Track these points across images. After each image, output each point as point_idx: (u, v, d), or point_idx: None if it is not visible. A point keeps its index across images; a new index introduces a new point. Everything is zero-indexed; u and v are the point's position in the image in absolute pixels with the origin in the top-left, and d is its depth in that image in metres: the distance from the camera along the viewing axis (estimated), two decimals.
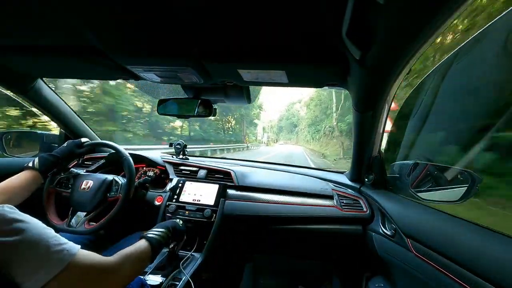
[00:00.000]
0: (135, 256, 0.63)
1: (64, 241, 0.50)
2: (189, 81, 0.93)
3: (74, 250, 0.51)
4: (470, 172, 0.76)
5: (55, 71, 1.08)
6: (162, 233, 0.78)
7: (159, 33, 0.64)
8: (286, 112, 52.56)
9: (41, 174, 0.85)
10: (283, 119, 57.88)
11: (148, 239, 0.71)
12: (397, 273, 0.94)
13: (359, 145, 1.07)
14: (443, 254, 0.65)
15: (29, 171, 0.83)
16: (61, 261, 0.47)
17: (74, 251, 0.50)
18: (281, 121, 60.15)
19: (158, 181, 1.35)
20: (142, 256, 0.66)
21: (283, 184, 1.25)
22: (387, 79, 0.66)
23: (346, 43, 0.55)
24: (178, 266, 0.93)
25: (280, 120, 60.56)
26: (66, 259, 0.48)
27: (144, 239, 0.71)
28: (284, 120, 56.64)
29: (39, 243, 0.47)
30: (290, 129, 54.03)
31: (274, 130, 61.35)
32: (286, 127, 56.43)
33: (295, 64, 0.73)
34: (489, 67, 1.16)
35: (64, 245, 0.50)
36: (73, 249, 0.50)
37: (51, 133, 1.51)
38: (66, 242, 0.51)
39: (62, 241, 0.50)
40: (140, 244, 0.68)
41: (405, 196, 0.98)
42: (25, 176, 0.82)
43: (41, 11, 0.61)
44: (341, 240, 1.21)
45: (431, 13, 0.40)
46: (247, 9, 0.52)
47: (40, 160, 0.87)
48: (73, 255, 0.49)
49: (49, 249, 0.47)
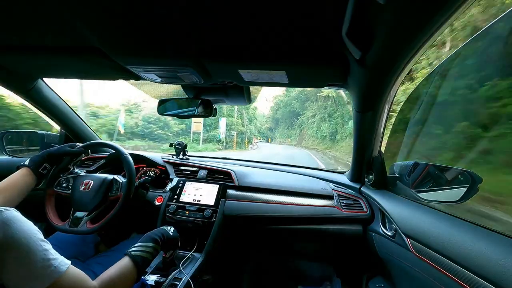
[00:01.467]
0: (118, 279, 0.61)
1: (53, 257, 0.50)
2: (189, 81, 0.93)
3: (62, 267, 0.50)
4: (470, 172, 0.76)
5: (55, 71, 1.08)
6: (149, 249, 0.72)
7: (159, 33, 0.65)
8: (285, 96, 35.62)
9: (32, 171, 0.86)
10: (279, 107, 38.68)
11: (133, 258, 0.67)
12: (397, 273, 0.94)
13: (359, 145, 1.07)
14: (443, 254, 0.65)
15: (21, 169, 0.86)
16: (47, 277, 0.47)
17: (63, 269, 0.50)
18: (277, 111, 40.38)
19: (158, 181, 1.35)
20: (126, 280, 0.63)
21: (283, 184, 1.25)
22: (387, 79, 0.66)
23: (346, 43, 0.55)
24: (178, 266, 0.93)
25: (276, 110, 40.84)
26: (53, 276, 0.48)
27: (128, 257, 0.67)
28: (281, 108, 37.46)
29: (28, 256, 0.46)
30: (289, 121, 36.06)
31: (263, 129, 43.30)
32: (284, 119, 38.19)
33: (295, 64, 0.73)
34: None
35: (53, 261, 0.49)
36: (61, 267, 0.50)
37: (52, 133, 1.51)
38: (56, 258, 0.50)
39: (51, 256, 0.50)
40: (124, 264, 0.65)
41: (405, 196, 0.98)
42: (18, 174, 0.84)
43: (42, 12, 0.61)
44: (341, 240, 1.21)
45: (431, 13, 0.40)
46: (247, 9, 0.52)
47: (31, 158, 0.90)
48: (60, 272, 0.49)
49: (37, 264, 0.47)
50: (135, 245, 0.72)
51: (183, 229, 1.03)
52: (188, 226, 1.12)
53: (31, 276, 0.46)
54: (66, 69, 1.00)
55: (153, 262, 0.95)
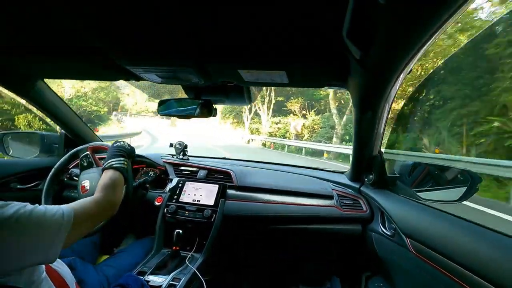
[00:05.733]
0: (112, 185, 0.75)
1: (57, 207, 0.56)
2: (190, 81, 0.93)
3: (69, 207, 0.58)
4: (469, 172, 0.76)
5: (56, 72, 1.08)
6: (124, 162, 0.85)
7: (159, 34, 0.65)
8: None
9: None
10: None
11: (119, 170, 0.81)
12: (396, 273, 0.94)
13: (359, 145, 1.07)
14: (443, 254, 0.65)
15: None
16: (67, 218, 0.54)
17: (70, 208, 0.57)
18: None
19: (158, 182, 1.35)
20: (119, 183, 0.79)
21: (283, 184, 1.25)
22: (387, 79, 0.66)
23: (346, 43, 0.55)
24: (183, 263, 0.95)
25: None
26: (70, 216, 0.55)
27: (112, 169, 0.80)
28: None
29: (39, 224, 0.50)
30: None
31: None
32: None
33: (295, 64, 0.73)
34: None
35: (59, 209, 0.55)
36: (68, 207, 0.58)
37: (52, 134, 1.51)
38: (59, 207, 0.56)
39: (55, 208, 0.55)
40: (112, 174, 0.79)
41: (405, 196, 0.98)
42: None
43: (42, 12, 0.61)
44: (341, 240, 1.21)
45: (431, 13, 0.40)
46: (247, 9, 0.52)
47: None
48: (72, 209, 0.57)
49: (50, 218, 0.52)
50: (108, 161, 0.84)
51: (183, 229, 1.04)
52: (188, 226, 1.12)
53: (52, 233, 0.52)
54: (67, 69, 1.00)
55: (153, 262, 0.95)
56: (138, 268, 0.91)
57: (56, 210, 0.54)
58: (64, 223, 0.54)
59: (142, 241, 1.14)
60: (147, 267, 0.92)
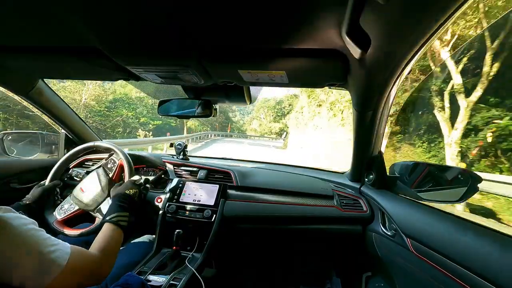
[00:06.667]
0: (112, 246, 0.71)
1: (57, 242, 0.54)
2: (190, 81, 0.93)
3: (67, 249, 0.54)
4: (470, 172, 0.76)
5: (56, 72, 1.08)
6: (126, 218, 0.80)
7: (159, 34, 0.65)
8: None
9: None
10: None
11: (120, 226, 0.76)
12: (397, 273, 0.94)
13: (359, 145, 1.07)
14: (443, 254, 0.65)
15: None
16: (59, 261, 0.50)
17: (68, 250, 0.54)
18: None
19: (158, 182, 1.35)
20: (118, 245, 0.74)
21: (283, 184, 1.25)
22: (387, 78, 0.66)
23: (346, 43, 0.55)
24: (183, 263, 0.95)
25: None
26: (64, 259, 0.51)
27: (112, 224, 0.75)
28: None
29: (33, 246, 0.49)
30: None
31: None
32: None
33: (295, 65, 0.73)
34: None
35: (58, 245, 0.53)
36: (67, 248, 0.54)
37: (52, 134, 1.51)
38: (58, 242, 0.54)
39: (55, 241, 0.53)
40: (111, 231, 0.74)
41: (405, 196, 0.98)
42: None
43: (42, 12, 0.61)
44: (341, 240, 1.21)
45: (431, 12, 0.40)
46: (247, 10, 0.52)
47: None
48: (68, 254, 0.53)
49: (45, 250, 0.50)
50: (112, 214, 0.78)
51: (183, 229, 1.04)
52: (188, 226, 1.12)
53: (44, 264, 0.49)
54: (67, 69, 1.00)
55: (153, 262, 0.95)
56: (138, 268, 0.91)
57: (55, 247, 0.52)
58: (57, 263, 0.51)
59: (140, 240, 1.14)
60: (147, 267, 0.92)
